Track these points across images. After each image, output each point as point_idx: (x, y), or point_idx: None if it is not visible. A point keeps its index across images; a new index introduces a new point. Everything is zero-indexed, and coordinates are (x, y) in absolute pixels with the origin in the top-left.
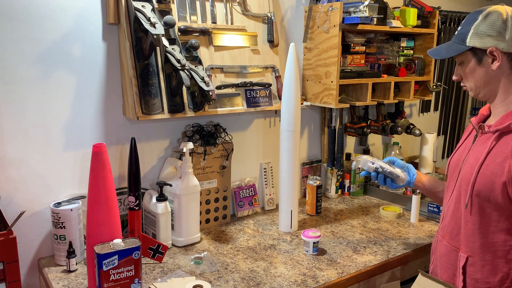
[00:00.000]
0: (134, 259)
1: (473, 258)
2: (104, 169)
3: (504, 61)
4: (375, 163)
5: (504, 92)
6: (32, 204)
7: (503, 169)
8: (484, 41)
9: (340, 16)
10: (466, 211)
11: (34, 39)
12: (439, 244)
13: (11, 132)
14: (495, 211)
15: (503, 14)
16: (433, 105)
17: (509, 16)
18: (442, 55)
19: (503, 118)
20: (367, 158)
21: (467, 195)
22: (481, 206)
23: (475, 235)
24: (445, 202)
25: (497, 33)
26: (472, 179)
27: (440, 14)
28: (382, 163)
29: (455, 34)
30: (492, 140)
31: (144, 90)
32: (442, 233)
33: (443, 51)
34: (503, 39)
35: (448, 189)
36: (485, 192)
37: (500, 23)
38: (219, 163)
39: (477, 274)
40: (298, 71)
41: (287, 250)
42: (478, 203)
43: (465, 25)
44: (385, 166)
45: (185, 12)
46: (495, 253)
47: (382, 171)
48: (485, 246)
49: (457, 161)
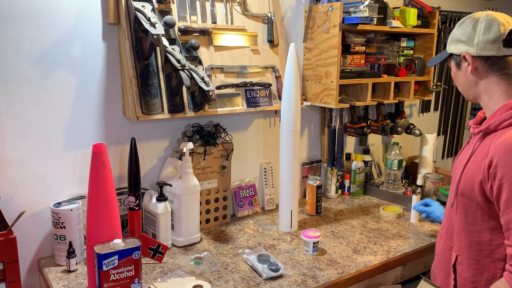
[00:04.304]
0: (134, 259)
1: (461, 256)
2: (104, 169)
3: (478, 64)
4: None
5: (487, 94)
6: (32, 204)
7: (481, 168)
8: (458, 47)
9: (340, 16)
10: (452, 210)
11: (34, 39)
12: (437, 244)
13: (11, 132)
14: (479, 210)
15: (476, 19)
16: (433, 105)
17: (480, 21)
18: (432, 62)
19: (488, 120)
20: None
21: (453, 195)
22: (465, 205)
23: (461, 234)
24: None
25: (466, 38)
26: (457, 179)
27: (440, 14)
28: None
29: None
30: (477, 141)
31: (144, 90)
32: (441, 233)
33: (434, 59)
34: (472, 44)
35: (450, 191)
36: (467, 192)
37: (470, 29)
38: (219, 163)
39: (464, 273)
40: (298, 71)
41: (287, 250)
42: (462, 202)
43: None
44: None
45: (185, 12)
46: (481, 252)
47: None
48: (471, 245)
49: (458, 163)
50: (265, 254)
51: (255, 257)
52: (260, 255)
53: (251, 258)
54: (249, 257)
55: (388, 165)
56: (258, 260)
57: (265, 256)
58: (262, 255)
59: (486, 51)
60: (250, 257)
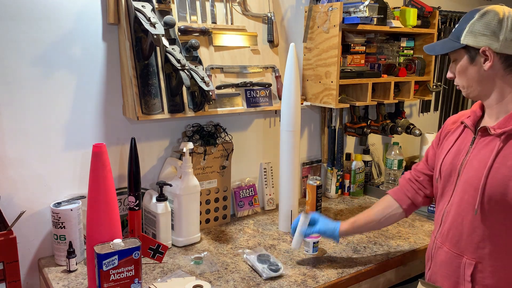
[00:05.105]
0: (134, 259)
1: (482, 264)
2: (104, 169)
3: (497, 61)
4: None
5: (499, 93)
6: (32, 204)
7: None
8: (478, 40)
9: (340, 16)
10: (475, 216)
11: (34, 39)
12: (438, 251)
13: (12, 132)
14: (508, 215)
15: (500, 14)
16: (433, 105)
17: (505, 16)
18: (436, 51)
19: (505, 120)
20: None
21: (477, 201)
22: (492, 210)
23: (485, 240)
24: (442, 207)
25: (491, 32)
26: (482, 183)
27: (440, 14)
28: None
29: (451, 32)
30: (499, 143)
31: (144, 90)
32: (442, 240)
33: (438, 48)
34: (497, 39)
35: (444, 194)
36: (497, 196)
37: (496, 23)
38: (219, 163)
39: (487, 280)
40: (298, 71)
41: (287, 250)
42: (488, 207)
43: (462, 23)
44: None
45: (185, 12)
46: (507, 257)
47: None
48: (496, 252)
49: (453, 165)
50: (265, 254)
51: (255, 257)
52: (260, 255)
53: (251, 258)
54: (249, 257)
55: (388, 165)
56: (258, 260)
57: (265, 256)
58: (262, 255)
59: (509, 49)
60: (250, 257)
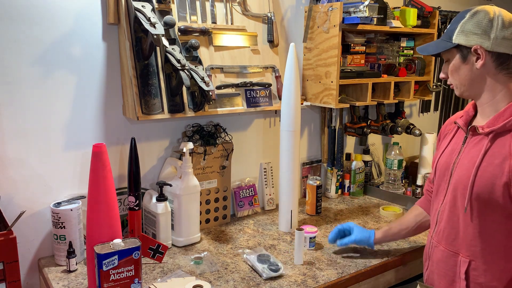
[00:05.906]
0: (134, 259)
1: (475, 262)
2: (104, 169)
3: (488, 60)
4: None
5: (490, 91)
6: (32, 204)
7: (503, 170)
8: (469, 39)
9: (340, 16)
10: (465, 215)
11: (34, 39)
12: (434, 250)
13: (12, 132)
14: (496, 213)
15: (490, 13)
16: (433, 105)
17: (496, 15)
18: (429, 51)
19: (494, 119)
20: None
21: (466, 199)
22: (481, 209)
23: (476, 239)
24: (437, 206)
25: (482, 31)
26: (470, 182)
27: (440, 14)
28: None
29: (444, 32)
30: (486, 141)
31: (144, 90)
32: (438, 238)
33: (431, 48)
34: (488, 38)
35: (439, 193)
36: (485, 195)
37: (486, 21)
38: (219, 163)
39: (480, 278)
40: (298, 71)
41: (287, 250)
42: (477, 206)
43: (454, 23)
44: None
45: (185, 12)
46: (498, 256)
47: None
48: (487, 250)
49: (446, 164)
50: (265, 254)
51: (255, 257)
52: (260, 255)
53: (251, 258)
54: (249, 257)
55: (388, 165)
56: (258, 260)
57: (265, 256)
58: (262, 255)
59: (500, 48)
60: (250, 257)
